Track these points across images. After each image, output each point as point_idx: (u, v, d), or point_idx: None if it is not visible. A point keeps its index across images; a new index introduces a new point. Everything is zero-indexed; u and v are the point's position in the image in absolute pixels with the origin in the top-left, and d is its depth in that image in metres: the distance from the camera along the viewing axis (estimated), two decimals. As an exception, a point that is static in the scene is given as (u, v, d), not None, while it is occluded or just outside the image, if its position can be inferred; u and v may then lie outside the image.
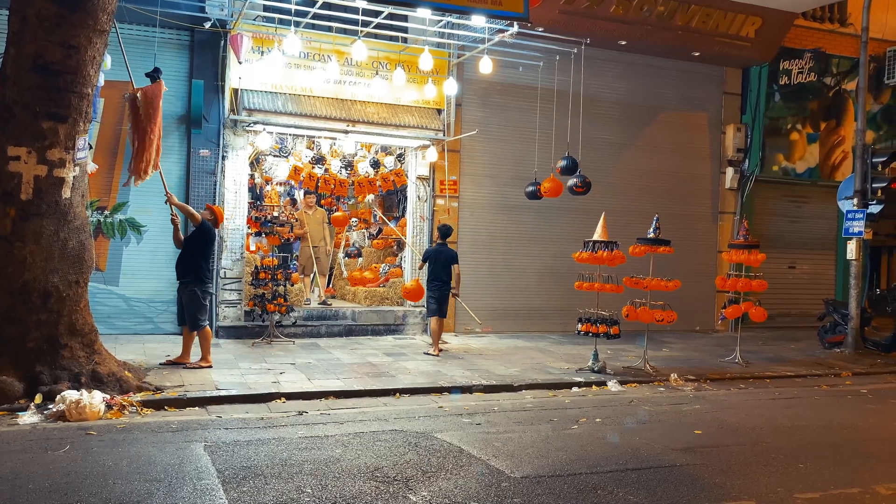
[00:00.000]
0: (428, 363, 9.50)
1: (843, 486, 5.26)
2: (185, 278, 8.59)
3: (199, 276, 8.58)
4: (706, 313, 14.25)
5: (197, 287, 8.55)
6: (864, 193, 11.97)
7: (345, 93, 11.44)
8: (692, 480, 5.25)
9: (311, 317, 11.51)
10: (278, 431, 6.21)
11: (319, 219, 12.97)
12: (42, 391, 6.68)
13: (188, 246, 8.67)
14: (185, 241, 8.73)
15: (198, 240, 8.66)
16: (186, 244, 8.70)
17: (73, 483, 4.74)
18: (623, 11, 12.19)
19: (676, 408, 7.77)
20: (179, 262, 8.67)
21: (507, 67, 12.07)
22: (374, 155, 13.98)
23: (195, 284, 8.55)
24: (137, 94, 8.16)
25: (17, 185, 6.87)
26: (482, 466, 5.40)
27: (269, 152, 14.13)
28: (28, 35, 6.83)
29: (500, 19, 10.24)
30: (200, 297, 8.59)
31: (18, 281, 6.89)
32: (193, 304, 8.56)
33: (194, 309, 8.57)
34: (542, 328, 12.87)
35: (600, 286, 9.56)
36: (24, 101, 6.87)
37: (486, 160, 12.60)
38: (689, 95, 14.23)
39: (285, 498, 4.60)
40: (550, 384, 8.61)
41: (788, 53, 14.53)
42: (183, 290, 8.66)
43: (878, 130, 15.77)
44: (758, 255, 10.46)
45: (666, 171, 13.97)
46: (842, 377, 10.15)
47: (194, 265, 8.57)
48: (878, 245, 16.57)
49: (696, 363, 10.36)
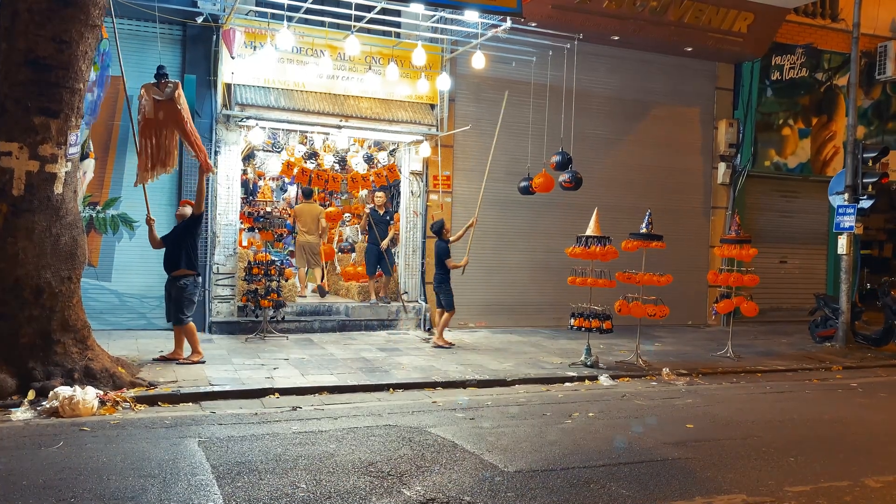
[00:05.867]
0: (421, 358, 9.52)
1: (833, 479, 5.31)
2: (172, 271, 8.53)
3: (192, 268, 8.56)
4: (698, 308, 14.33)
5: (188, 281, 8.53)
6: (855, 188, 12.03)
7: (338, 88, 11.42)
8: (684, 474, 5.29)
9: (304, 312, 11.51)
10: (272, 427, 6.22)
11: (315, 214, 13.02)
12: (35, 387, 6.67)
13: (179, 239, 8.57)
14: (176, 235, 8.63)
15: (189, 233, 8.61)
16: (177, 238, 8.59)
17: (67, 479, 4.75)
18: (616, 7, 12.20)
19: (668, 402, 7.81)
20: (171, 256, 8.56)
21: (501, 63, 12.07)
22: (366, 150, 13.98)
23: (187, 278, 8.53)
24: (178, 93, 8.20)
25: (8, 181, 6.85)
26: (476, 461, 5.42)
27: (261, 147, 14.12)
28: (19, 30, 6.80)
29: (494, 14, 10.26)
30: (192, 292, 8.58)
31: (10, 277, 6.86)
32: (183, 298, 8.53)
33: (183, 304, 8.53)
34: (534, 323, 12.90)
35: (593, 281, 9.60)
36: (16, 96, 6.84)
37: (478, 155, 12.58)
38: (682, 91, 14.26)
39: (280, 493, 4.61)
40: (543, 379, 8.65)
41: (780, 49, 14.57)
42: (173, 284, 8.58)
43: (869, 126, 15.84)
44: (749, 250, 10.51)
45: (658, 166, 14.01)
46: (832, 371, 10.23)
47: (188, 259, 8.54)
48: (869, 239, 16.67)
49: (688, 357, 10.42)
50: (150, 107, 8.31)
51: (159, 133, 8.41)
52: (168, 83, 8.30)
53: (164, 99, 8.27)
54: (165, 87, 8.28)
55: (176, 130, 8.42)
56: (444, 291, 10.58)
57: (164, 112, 8.31)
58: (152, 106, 8.31)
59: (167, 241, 8.67)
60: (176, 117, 8.32)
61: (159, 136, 8.41)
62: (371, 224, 12.06)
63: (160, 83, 8.32)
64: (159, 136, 8.41)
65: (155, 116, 8.33)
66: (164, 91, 8.26)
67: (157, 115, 8.32)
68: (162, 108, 8.31)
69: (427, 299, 12.16)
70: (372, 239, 12.12)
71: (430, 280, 12.22)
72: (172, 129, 8.42)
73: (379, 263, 11.99)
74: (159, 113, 8.32)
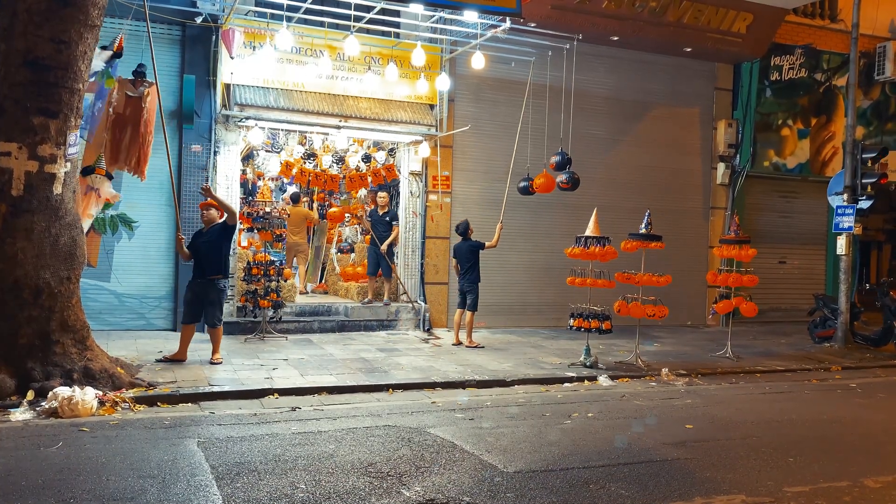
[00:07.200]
0: (421, 359, 9.52)
1: (832, 479, 5.31)
2: (214, 274, 8.50)
3: (227, 271, 8.68)
4: (697, 308, 14.34)
5: (225, 284, 8.66)
6: (854, 189, 12.03)
7: (337, 88, 11.42)
8: (683, 474, 5.29)
9: (303, 312, 11.51)
10: (272, 427, 6.22)
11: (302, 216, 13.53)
12: (34, 388, 6.66)
13: (214, 240, 8.51)
14: (211, 237, 8.55)
15: (227, 237, 8.63)
16: (213, 240, 8.52)
17: (67, 480, 4.74)
18: (615, 7, 12.20)
19: (668, 402, 7.81)
20: (209, 257, 8.47)
21: (500, 63, 12.06)
22: (366, 150, 13.98)
23: (222, 282, 8.60)
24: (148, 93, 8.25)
25: (7, 181, 6.84)
26: (475, 461, 5.42)
27: (261, 147, 14.12)
28: (18, 30, 6.79)
29: (493, 14, 10.25)
30: (226, 292, 8.76)
31: (9, 277, 6.85)
32: (220, 301, 8.60)
33: (219, 307, 8.61)
34: (534, 323, 12.90)
35: (592, 281, 9.60)
36: (15, 96, 6.84)
37: (478, 156, 12.60)
38: (681, 91, 14.26)
39: (279, 494, 4.61)
40: (543, 379, 8.65)
41: (779, 49, 14.58)
42: (212, 286, 8.50)
43: (868, 126, 15.85)
44: (749, 251, 10.52)
45: (657, 167, 14.01)
46: (831, 371, 10.23)
47: (225, 263, 8.61)
48: (868, 240, 16.68)
49: (687, 358, 10.42)
50: (121, 102, 8.39)
51: (124, 129, 8.49)
52: (144, 82, 8.36)
53: (136, 96, 8.34)
54: (140, 85, 8.34)
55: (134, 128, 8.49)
56: (476, 291, 10.62)
57: (131, 109, 8.39)
58: (123, 101, 8.38)
59: (201, 245, 8.56)
60: (137, 116, 8.38)
61: (124, 132, 8.50)
62: (371, 224, 12.08)
63: (136, 80, 8.37)
64: (124, 132, 8.50)
65: (123, 112, 8.40)
66: (137, 89, 8.33)
67: (125, 111, 8.40)
68: (130, 104, 8.39)
69: (426, 300, 12.16)
70: (372, 239, 12.13)
71: (430, 280, 12.24)
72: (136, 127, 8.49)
73: (379, 264, 11.99)
74: (127, 109, 8.42)
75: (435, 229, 12.27)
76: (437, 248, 12.31)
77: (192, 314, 8.61)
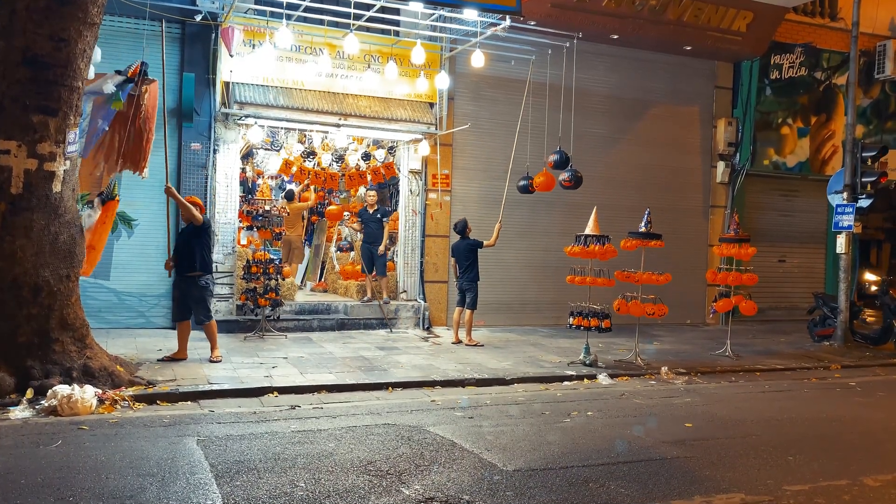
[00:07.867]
0: (420, 357, 9.52)
1: (831, 477, 5.31)
2: (191, 271, 8.46)
3: (207, 268, 8.60)
4: (697, 307, 14.34)
5: (208, 280, 8.60)
6: (854, 188, 12.03)
7: (337, 86, 11.41)
8: (683, 473, 5.29)
9: (303, 311, 11.50)
10: (271, 425, 6.22)
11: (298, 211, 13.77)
12: (33, 386, 6.65)
13: (189, 238, 8.50)
14: (183, 235, 8.58)
15: (198, 235, 8.54)
16: (186, 236, 8.53)
17: (66, 478, 4.74)
18: (615, 5, 12.19)
19: (667, 401, 7.81)
20: (183, 254, 8.46)
21: (500, 61, 12.05)
22: (366, 148, 13.97)
23: (205, 278, 8.55)
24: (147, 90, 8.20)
25: (7, 179, 6.83)
26: (475, 460, 5.42)
27: (260, 146, 14.11)
28: (17, 28, 6.77)
29: (493, 13, 10.25)
30: (211, 291, 8.69)
31: (9, 275, 6.85)
32: (204, 297, 8.56)
33: (206, 302, 8.58)
34: (533, 322, 12.91)
35: (592, 280, 9.60)
36: (14, 94, 6.82)
37: (477, 154, 12.59)
38: (681, 89, 14.25)
39: (279, 492, 4.61)
40: (542, 378, 8.65)
41: (779, 48, 14.57)
42: (192, 283, 8.47)
43: (868, 125, 15.85)
44: (748, 249, 10.51)
45: (657, 165, 14.00)
46: (831, 370, 10.23)
47: (201, 257, 8.51)
48: (868, 239, 16.67)
49: (686, 356, 10.42)
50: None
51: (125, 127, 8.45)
52: (144, 79, 8.30)
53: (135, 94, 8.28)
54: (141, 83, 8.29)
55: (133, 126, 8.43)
56: (475, 290, 10.65)
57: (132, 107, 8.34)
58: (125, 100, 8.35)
59: (178, 243, 8.57)
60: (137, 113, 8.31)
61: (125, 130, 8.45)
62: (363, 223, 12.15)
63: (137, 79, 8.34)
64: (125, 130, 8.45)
65: (126, 111, 8.35)
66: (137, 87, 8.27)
67: (128, 109, 8.35)
68: (131, 102, 8.33)
69: (426, 298, 12.16)
70: (365, 238, 12.13)
71: (430, 279, 12.24)
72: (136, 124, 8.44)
73: (374, 263, 11.96)
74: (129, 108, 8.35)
75: (434, 227, 12.27)
76: (437, 247, 12.31)
77: (181, 311, 8.66)
